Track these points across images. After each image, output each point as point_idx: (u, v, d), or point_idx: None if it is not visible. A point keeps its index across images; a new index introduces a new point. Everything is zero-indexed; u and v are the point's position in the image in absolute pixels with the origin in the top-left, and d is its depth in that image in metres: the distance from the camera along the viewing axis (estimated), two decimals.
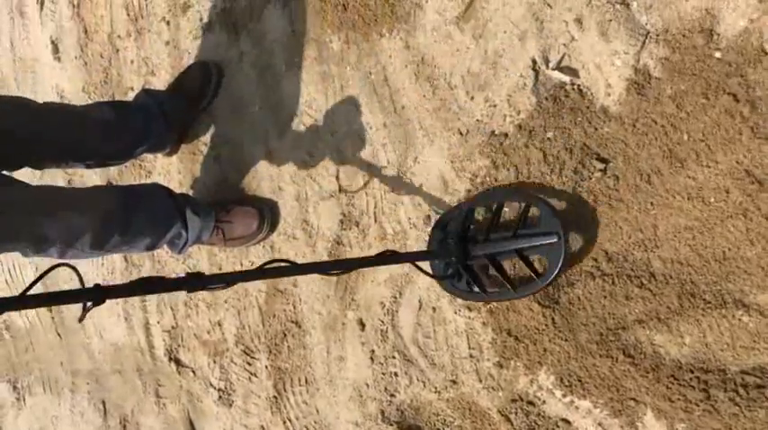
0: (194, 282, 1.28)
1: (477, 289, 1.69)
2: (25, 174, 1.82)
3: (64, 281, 2.69)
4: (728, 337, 1.43)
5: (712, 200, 1.45)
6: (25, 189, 1.70)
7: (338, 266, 1.53)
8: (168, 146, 2.22)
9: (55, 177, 2.52)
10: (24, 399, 2.96)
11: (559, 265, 1.55)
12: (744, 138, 1.40)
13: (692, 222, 1.47)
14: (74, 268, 1.19)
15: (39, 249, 1.65)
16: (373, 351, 1.92)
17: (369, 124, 1.91)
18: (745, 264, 1.42)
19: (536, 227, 1.60)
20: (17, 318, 2.91)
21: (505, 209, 1.70)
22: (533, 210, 1.62)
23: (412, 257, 1.66)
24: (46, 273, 1.17)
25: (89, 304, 1.15)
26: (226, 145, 2.20)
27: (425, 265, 1.75)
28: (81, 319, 1.17)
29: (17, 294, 1.13)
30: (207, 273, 2.25)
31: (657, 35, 1.49)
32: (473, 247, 1.67)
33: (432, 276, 1.71)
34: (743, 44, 1.40)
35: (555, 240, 1.55)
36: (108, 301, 2.52)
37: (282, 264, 1.39)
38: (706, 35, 1.44)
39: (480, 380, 1.75)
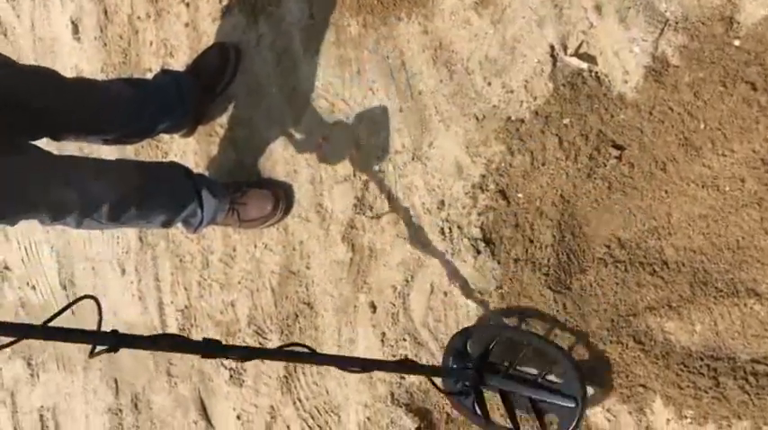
0: (212, 348, 1.28)
1: (479, 414, 1.67)
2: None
3: (79, 243, 2.72)
4: (740, 326, 1.43)
5: (727, 188, 1.45)
6: (48, 156, 1.72)
7: (357, 364, 1.52)
8: (185, 127, 2.24)
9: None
10: (38, 376, 3.00)
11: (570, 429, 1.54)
12: (761, 128, 1.40)
13: (707, 211, 1.47)
14: (97, 302, 1.22)
15: (57, 217, 1.67)
16: (384, 333, 1.94)
17: (385, 109, 1.92)
18: (759, 254, 1.42)
19: (558, 383, 1.57)
20: (32, 295, 2.95)
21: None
22: (560, 365, 1.59)
23: (430, 372, 1.66)
24: (71, 304, 1.19)
25: (101, 348, 1.17)
26: (242, 127, 2.22)
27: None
28: (91, 357, 1.19)
29: (40, 323, 1.14)
30: (221, 253, 2.27)
31: (677, 23, 1.49)
32: (490, 377, 1.64)
33: (441, 391, 1.68)
34: (763, 33, 1.39)
35: (572, 406, 1.53)
36: (123, 278, 2.54)
37: (303, 350, 1.38)
38: (726, 23, 1.44)
39: None
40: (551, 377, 1.60)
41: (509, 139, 1.72)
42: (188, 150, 2.34)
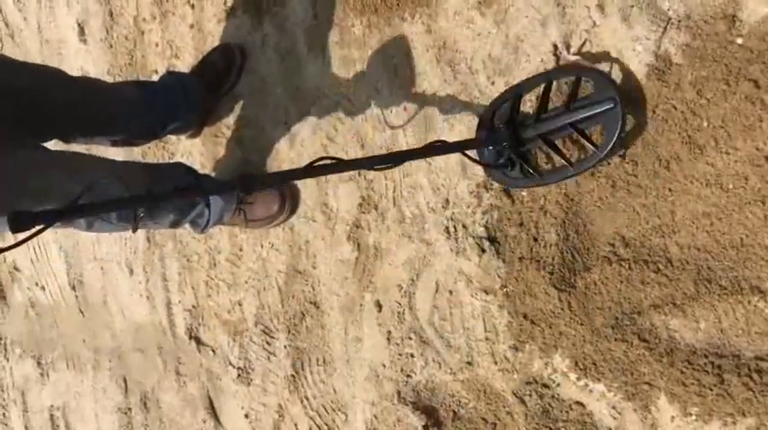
0: (248, 181, 1.28)
1: (532, 173, 1.63)
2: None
3: (87, 244, 2.74)
4: (744, 323, 1.44)
5: (731, 186, 1.45)
6: (56, 153, 1.73)
7: (386, 161, 1.49)
8: (191, 127, 2.26)
9: None
10: (48, 375, 3.03)
11: (617, 131, 1.48)
12: (764, 125, 1.40)
13: (710, 208, 1.48)
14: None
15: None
16: (390, 332, 1.95)
17: (389, 108, 1.93)
18: (763, 251, 1.42)
19: (589, 95, 1.53)
20: (42, 295, 2.97)
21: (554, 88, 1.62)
22: (585, 84, 1.55)
23: (461, 146, 1.59)
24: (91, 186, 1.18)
25: (141, 212, 1.16)
26: (248, 127, 2.23)
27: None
28: (134, 230, 1.18)
29: (68, 205, 1.12)
30: (228, 253, 2.29)
31: (679, 21, 1.49)
32: (524, 131, 1.60)
33: (482, 164, 1.64)
34: (766, 30, 1.39)
35: (611, 106, 1.48)
36: (131, 278, 2.55)
37: (329, 162, 1.37)
38: (728, 21, 1.44)
39: (495, 363, 1.77)
40: (581, 98, 1.56)
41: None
42: (194, 151, 2.35)
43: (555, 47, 1.65)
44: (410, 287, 1.91)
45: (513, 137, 1.62)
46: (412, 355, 1.91)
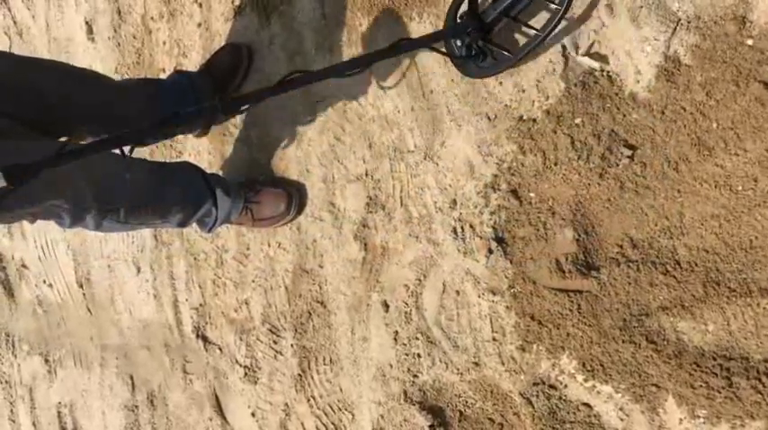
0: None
1: (505, 53, 1.63)
2: None
3: (95, 242, 2.75)
4: (753, 326, 1.43)
5: (740, 188, 1.45)
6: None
7: (353, 65, 1.51)
8: (199, 126, 2.26)
9: None
10: (55, 372, 3.04)
11: None
12: None
13: (719, 210, 1.47)
14: None
15: (76, 215, 1.67)
16: (397, 332, 1.95)
17: (397, 108, 1.92)
18: None
19: None
20: (49, 293, 2.98)
21: None
22: None
23: (428, 40, 1.60)
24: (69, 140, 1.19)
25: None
26: (255, 127, 2.23)
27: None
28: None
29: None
30: (235, 252, 2.29)
31: (689, 22, 1.49)
32: (486, 14, 1.63)
33: (454, 57, 1.64)
34: None
35: None
36: (138, 276, 2.55)
37: (296, 75, 1.41)
38: (738, 22, 1.43)
39: (503, 363, 1.77)
40: None
41: (521, 139, 1.72)
42: (202, 150, 2.36)
43: (563, 47, 1.65)
44: (417, 287, 1.91)
45: (476, 22, 1.63)
46: (419, 355, 1.91)
